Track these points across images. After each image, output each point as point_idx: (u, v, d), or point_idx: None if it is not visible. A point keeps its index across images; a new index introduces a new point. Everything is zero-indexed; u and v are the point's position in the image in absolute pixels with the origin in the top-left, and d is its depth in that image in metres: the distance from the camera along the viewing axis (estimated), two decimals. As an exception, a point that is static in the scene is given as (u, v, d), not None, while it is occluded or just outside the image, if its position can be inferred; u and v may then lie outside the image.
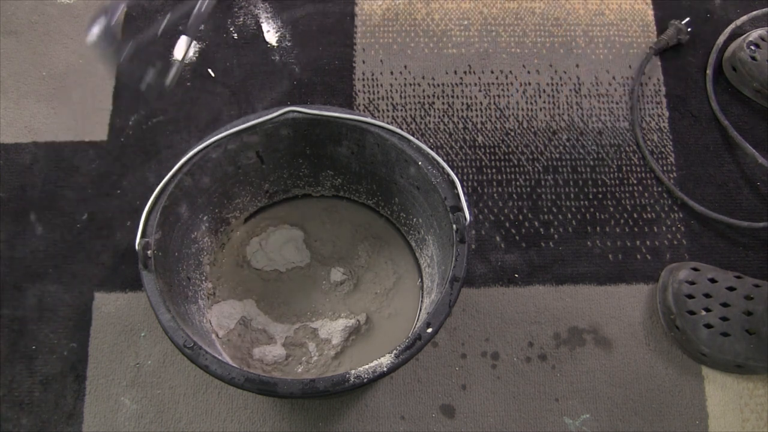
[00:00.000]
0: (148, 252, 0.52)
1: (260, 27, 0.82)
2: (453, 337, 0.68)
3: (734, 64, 0.79)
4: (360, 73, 0.79)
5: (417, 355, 0.49)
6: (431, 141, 0.77)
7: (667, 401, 0.66)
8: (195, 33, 0.60)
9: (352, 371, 0.48)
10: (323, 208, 0.71)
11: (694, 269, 0.68)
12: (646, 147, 0.77)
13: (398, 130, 0.57)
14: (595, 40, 0.83)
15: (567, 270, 0.71)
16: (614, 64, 0.81)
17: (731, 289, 0.66)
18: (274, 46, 0.81)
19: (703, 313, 0.66)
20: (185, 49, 0.58)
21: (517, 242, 0.72)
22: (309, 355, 0.64)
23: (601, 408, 0.66)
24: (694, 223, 0.74)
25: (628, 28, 0.84)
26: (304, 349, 0.64)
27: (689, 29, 0.81)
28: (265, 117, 0.58)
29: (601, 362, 0.68)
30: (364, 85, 0.79)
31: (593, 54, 0.82)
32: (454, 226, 0.53)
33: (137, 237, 0.52)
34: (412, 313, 0.66)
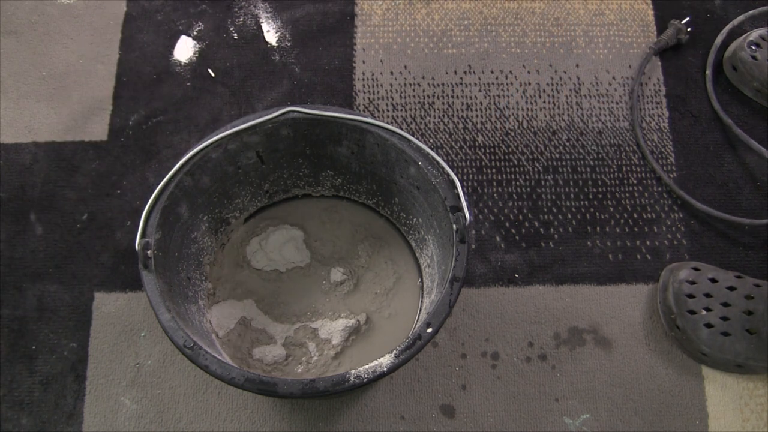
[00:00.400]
0: (148, 252, 0.52)
1: (260, 27, 0.82)
2: (453, 337, 0.68)
3: (735, 63, 0.79)
4: (360, 73, 0.79)
5: (417, 355, 0.49)
6: (431, 141, 0.77)
7: (667, 401, 0.66)
8: None
9: (352, 371, 0.48)
10: (323, 208, 0.71)
11: (695, 269, 0.68)
12: (647, 147, 0.77)
13: (398, 130, 0.57)
14: (595, 40, 0.83)
15: (567, 270, 0.71)
16: (614, 64, 0.81)
17: (732, 288, 0.66)
18: (274, 46, 0.81)
19: (704, 312, 0.66)
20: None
21: (517, 242, 0.72)
22: (309, 355, 0.64)
23: (601, 408, 0.66)
24: (694, 223, 0.74)
25: (628, 28, 0.84)
26: (304, 349, 0.64)
27: (689, 29, 0.81)
28: (265, 117, 0.58)
29: (601, 362, 0.68)
30: (364, 85, 0.79)
31: (593, 54, 0.82)
32: (454, 226, 0.53)
33: (137, 237, 0.52)
34: (412, 313, 0.66)
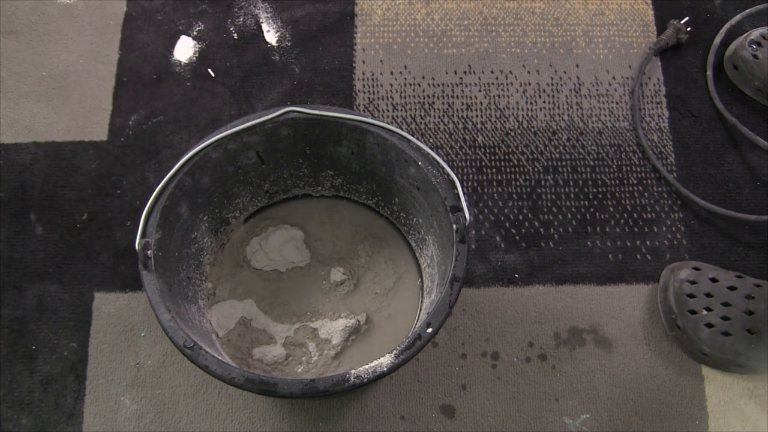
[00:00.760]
0: (148, 252, 0.52)
1: (260, 27, 0.82)
2: (453, 337, 0.68)
3: (735, 62, 0.79)
4: (360, 73, 0.79)
5: (417, 355, 0.49)
6: (431, 141, 0.77)
7: (667, 401, 0.66)
8: None
9: (352, 371, 0.48)
10: (323, 208, 0.71)
11: (695, 269, 0.68)
12: (647, 147, 0.77)
13: (398, 130, 0.57)
14: (595, 40, 0.83)
15: (567, 270, 0.71)
16: (614, 64, 0.81)
17: (732, 288, 0.66)
18: (274, 46, 0.81)
19: (704, 312, 0.66)
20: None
21: (517, 242, 0.72)
22: (309, 355, 0.64)
23: (601, 408, 0.66)
24: (694, 223, 0.74)
25: (628, 28, 0.84)
26: (304, 349, 0.64)
27: (689, 29, 0.81)
28: (265, 117, 0.58)
29: (601, 362, 0.68)
30: (364, 85, 0.79)
31: (593, 54, 0.82)
32: (454, 226, 0.53)
33: (137, 237, 0.52)
34: (412, 313, 0.66)
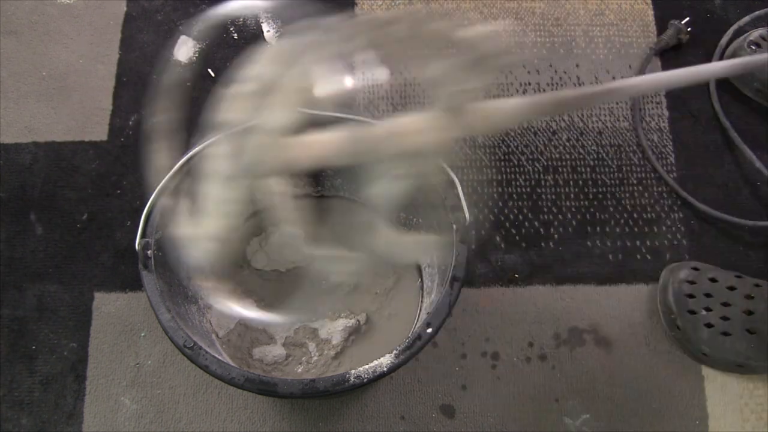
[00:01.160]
0: (148, 252, 0.52)
1: (260, 27, 0.82)
2: (453, 337, 0.68)
3: (734, 64, 0.79)
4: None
5: (417, 355, 0.49)
6: (431, 141, 0.77)
7: (667, 401, 0.66)
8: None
9: (352, 371, 0.48)
10: (323, 208, 0.71)
11: (695, 269, 0.68)
12: (647, 147, 0.77)
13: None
14: (595, 40, 0.83)
15: (567, 270, 0.71)
16: (614, 64, 0.81)
17: (732, 288, 0.66)
18: (274, 46, 0.81)
19: (704, 312, 0.66)
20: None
21: (517, 242, 0.72)
22: (309, 355, 0.64)
23: (601, 408, 0.66)
24: (694, 223, 0.74)
25: (628, 28, 0.84)
26: (304, 349, 0.64)
27: (689, 29, 0.81)
28: (265, 117, 0.57)
29: (601, 362, 0.67)
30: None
31: (593, 54, 0.82)
32: (454, 226, 0.53)
33: (137, 237, 0.52)
34: (412, 313, 0.66)
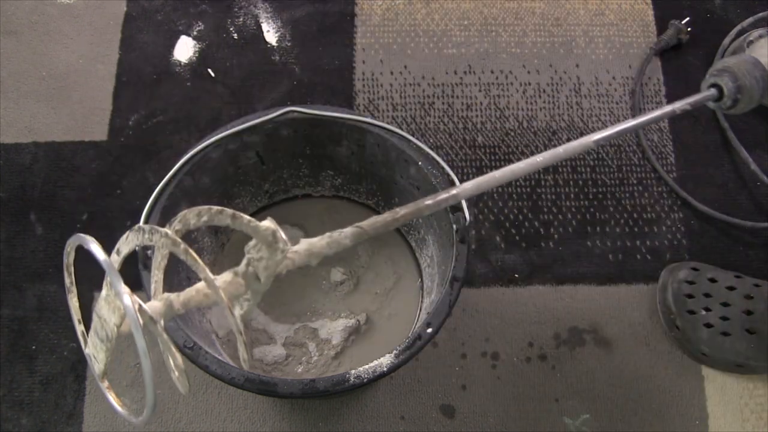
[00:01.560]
0: (148, 252, 0.52)
1: (260, 27, 0.82)
2: (453, 337, 0.68)
3: (734, 64, 0.79)
4: (360, 73, 0.79)
5: (417, 355, 0.49)
6: (431, 141, 0.77)
7: (667, 401, 0.66)
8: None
9: (352, 371, 0.48)
10: (323, 208, 0.71)
11: (694, 269, 0.68)
12: (647, 147, 0.77)
13: (398, 130, 0.57)
14: (595, 40, 0.83)
15: (567, 270, 0.71)
16: (614, 64, 0.81)
17: (731, 288, 0.66)
18: (274, 46, 0.81)
19: (703, 312, 0.66)
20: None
21: (517, 242, 0.72)
22: (309, 355, 0.64)
23: (601, 408, 0.66)
24: (694, 223, 0.74)
25: (628, 28, 0.84)
26: (304, 349, 0.64)
27: (689, 29, 0.81)
28: (265, 117, 0.58)
29: (601, 362, 0.68)
30: (364, 85, 0.79)
31: (593, 54, 0.82)
32: (454, 226, 0.53)
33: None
34: (412, 313, 0.66)
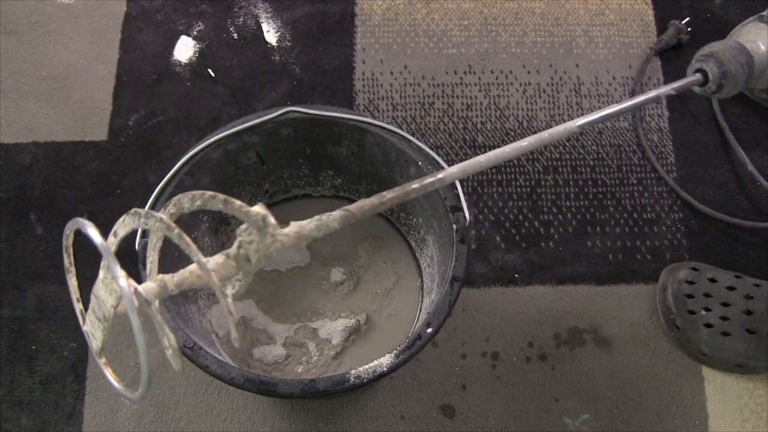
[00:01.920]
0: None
1: (260, 27, 0.82)
2: (453, 337, 0.68)
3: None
4: (360, 73, 0.79)
5: (417, 355, 0.49)
6: (431, 141, 0.77)
7: (667, 401, 0.66)
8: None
9: (352, 371, 0.48)
10: (323, 208, 0.70)
11: (694, 269, 0.68)
12: (647, 147, 0.77)
13: (398, 130, 0.57)
14: (595, 40, 0.83)
15: (567, 270, 0.71)
16: (614, 64, 0.81)
17: (731, 288, 0.66)
18: (274, 46, 0.81)
19: (703, 312, 0.66)
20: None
21: (517, 242, 0.72)
22: (309, 355, 0.64)
23: (601, 408, 0.66)
24: (694, 223, 0.74)
25: (628, 28, 0.84)
26: (304, 349, 0.64)
27: (689, 29, 0.81)
28: (265, 117, 0.58)
29: (601, 362, 0.68)
30: (364, 85, 0.79)
31: (593, 54, 0.82)
32: (454, 226, 0.53)
33: (137, 237, 0.52)
34: (412, 313, 0.66)
